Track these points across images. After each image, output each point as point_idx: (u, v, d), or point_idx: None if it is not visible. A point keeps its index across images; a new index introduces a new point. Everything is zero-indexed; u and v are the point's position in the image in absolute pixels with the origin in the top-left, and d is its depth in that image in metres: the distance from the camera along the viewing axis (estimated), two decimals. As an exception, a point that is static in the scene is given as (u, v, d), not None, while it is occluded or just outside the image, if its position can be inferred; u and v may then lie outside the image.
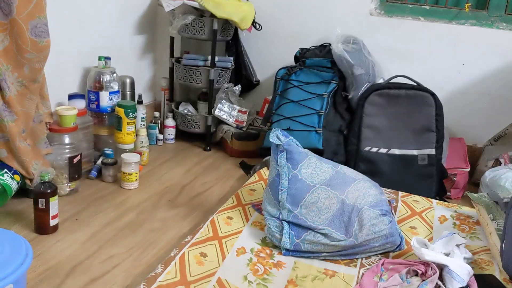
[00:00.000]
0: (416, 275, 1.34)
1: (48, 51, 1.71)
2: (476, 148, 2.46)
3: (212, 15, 2.32)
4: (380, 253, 1.47)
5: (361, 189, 1.49)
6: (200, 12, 2.42)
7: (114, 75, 2.11)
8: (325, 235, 1.41)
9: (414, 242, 1.37)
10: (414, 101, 2.08)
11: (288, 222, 1.46)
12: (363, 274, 1.36)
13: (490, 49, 2.35)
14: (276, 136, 1.53)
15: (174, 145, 2.60)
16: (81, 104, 2.01)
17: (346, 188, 1.48)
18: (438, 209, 1.77)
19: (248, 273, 1.33)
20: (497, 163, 2.29)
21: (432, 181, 2.04)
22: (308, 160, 1.53)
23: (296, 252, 1.43)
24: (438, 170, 2.06)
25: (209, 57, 2.42)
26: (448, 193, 2.14)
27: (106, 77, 2.08)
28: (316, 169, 1.51)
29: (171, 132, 2.60)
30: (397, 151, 2.09)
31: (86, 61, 2.17)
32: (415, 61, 2.46)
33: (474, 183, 2.34)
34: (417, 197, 1.87)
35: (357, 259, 1.44)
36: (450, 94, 2.45)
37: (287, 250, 1.44)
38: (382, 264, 1.38)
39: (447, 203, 1.87)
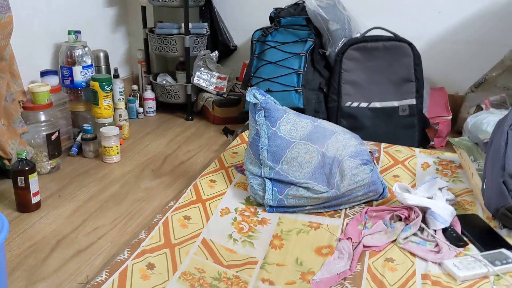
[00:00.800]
0: (400, 220, 1.35)
1: (12, 26, 1.66)
2: (458, 97, 2.46)
3: (182, -20, 2.27)
4: (364, 203, 1.47)
5: (341, 141, 1.49)
6: (170, -21, 2.36)
7: (86, 49, 2.07)
8: (307, 188, 1.41)
9: (396, 188, 1.38)
10: (391, 53, 2.06)
11: (270, 179, 1.45)
12: (347, 224, 1.37)
13: (466, -5, 2.33)
14: (253, 95, 1.52)
15: (156, 117, 2.57)
16: (54, 80, 1.97)
17: (325, 141, 1.48)
18: (420, 156, 1.77)
19: (233, 232, 1.34)
20: (479, 109, 2.30)
21: (414, 131, 2.04)
22: (286, 116, 1.52)
23: (280, 207, 1.44)
24: (420, 119, 2.06)
25: (183, 25, 2.37)
26: (431, 142, 2.15)
27: (78, 52, 2.03)
28: (295, 125, 1.50)
29: (151, 105, 2.56)
30: (377, 104, 2.08)
31: (56, 37, 2.12)
32: (391, 13, 2.42)
33: (457, 131, 2.35)
34: (400, 147, 1.87)
35: (341, 210, 1.45)
36: (429, 44, 2.43)
37: (271, 206, 1.44)
38: (366, 213, 1.39)
39: (429, 150, 1.88)
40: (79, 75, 2.04)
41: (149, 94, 2.55)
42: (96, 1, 2.41)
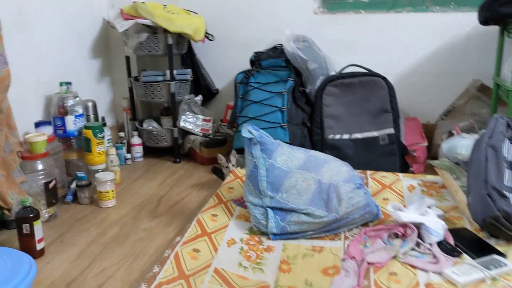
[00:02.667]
0: (397, 237, 1.44)
1: (9, 81, 1.72)
2: (430, 125, 2.62)
3: (166, 31, 2.39)
4: (361, 225, 1.56)
5: (333, 168, 1.59)
6: (153, 29, 2.48)
7: (77, 98, 2.14)
8: (308, 214, 1.49)
9: (389, 207, 1.47)
10: (367, 87, 2.21)
11: (272, 208, 1.53)
12: (348, 245, 1.45)
13: (429, 31, 2.53)
14: (248, 131, 1.61)
15: (143, 162, 2.62)
16: (49, 130, 2.02)
17: (320, 169, 1.57)
18: (405, 180, 1.89)
19: (242, 260, 1.39)
20: (451, 135, 2.45)
21: (395, 158, 2.17)
22: (280, 148, 1.61)
23: (283, 234, 1.50)
24: (399, 147, 2.19)
25: (168, 72, 2.48)
26: (411, 168, 2.28)
27: (70, 102, 2.10)
28: (289, 156, 1.60)
29: (138, 150, 2.62)
30: (358, 135, 2.21)
31: (47, 89, 2.18)
32: (362, 51, 2.60)
33: (432, 157, 2.49)
34: (384, 173, 1.98)
35: (340, 233, 1.53)
36: (398, 77, 2.61)
37: (274, 234, 1.50)
38: (365, 233, 1.47)
39: (412, 174, 2.00)
40: (72, 124, 2.10)
41: (136, 140, 2.61)
42: (83, 54, 2.50)
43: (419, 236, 1.41)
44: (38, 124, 2.02)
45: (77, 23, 2.43)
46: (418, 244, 1.39)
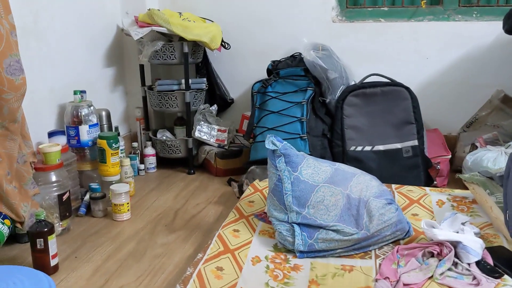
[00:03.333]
0: (432, 256, 1.36)
1: (25, 88, 1.67)
2: (451, 137, 2.55)
3: (181, 39, 2.33)
4: (391, 242, 1.48)
5: (363, 182, 1.51)
6: (168, 38, 2.43)
7: (92, 108, 2.08)
8: (337, 231, 1.42)
9: (423, 224, 1.40)
10: (390, 97, 2.15)
11: (298, 224, 1.45)
12: (380, 264, 1.37)
13: (450, 41, 2.47)
14: (271, 142, 1.54)
15: (157, 173, 2.56)
16: (62, 140, 1.95)
17: (348, 183, 1.50)
18: (433, 194, 1.81)
19: (268, 280, 1.31)
20: (474, 147, 2.38)
21: (419, 171, 2.10)
22: (306, 161, 1.54)
23: (311, 252, 1.43)
24: (423, 160, 2.11)
25: (183, 81, 2.42)
26: (434, 182, 2.20)
27: (84, 111, 2.04)
28: (315, 169, 1.52)
29: (152, 161, 2.56)
30: (381, 147, 2.14)
31: (60, 98, 2.13)
32: (381, 61, 2.54)
33: (455, 170, 2.41)
34: (410, 187, 1.91)
35: (370, 251, 1.45)
36: (419, 88, 2.53)
37: (301, 252, 1.43)
38: (397, 251, 1.39)
39: (439, 188, 1.92)
40: (86, 134, 2.04)
41: (149, 150, 2.54)
42: (96, 62, 2.45)
43: (456, 255, 1.33)
44: (51, 134, 1.96)
45: (91, 30, 2.38)
46: (455, 264, 1.31)
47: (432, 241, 1.39)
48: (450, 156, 2.26)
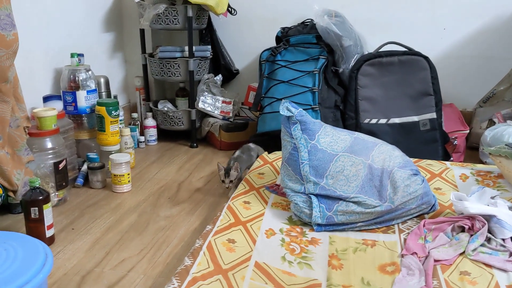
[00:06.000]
0: (462, 231, 1.25)
1: (17, 45, 1.52)
2: (467, 113, 2.43)
3: (185, 2, 2.19)
4: (416, 216, 1.37)
5: (385, 152, 1.40)
6: (171, 1, 2.28)
7: (90, 72, 1.94)
8: (358, 203, 1.31)
9: (453, 197, 1.29)
10: (407, 67, 2.02)
11: (316, 195, 1.34)
12: (405, 239, 1.26)
13: (469, 11, 2.34)
14: (286, 108, 1.42)
15: (158, 146, 2.43)
16: (58, 106, 1.82)
17: (369, 153, 1.38)
18: (455, 169, 1.70)
19: (285, 254, 1.21)
20: (491, 123, 2.27)
21: (437, 145, 1.98)
22: (324, 129, 1.42)
23: (329, 226, 1.32)
24: (441, 134, 2.00)
25: (186, 48, 2.28)
26: (451, 158, 2.09)
27: (82, 75, 1.90)
28: (334, 137, 1.41)
29: (152, 133, 2.43)
30: (397, 120, 2.02)
31: (56, 61, 1.99)
32: (395, 31, 2.40)
33: (470, 147, 2.31)
34: (429, 161, 1.80)
35: (393, 225, 1.34)
36: (434, 61, 2.36)
37: (319, 225, 1.32)
38: (424, 225, 1.29)
39: (461, 163, 1.81)
40: (83, 100, 1.90)
41: (150, 122, 2.41)
42: (94, 26, 2.30)
43: (489, 230, 1.23)
44: (46, 99, 1.83)
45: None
46: (488, 240, 1.21)
47: (462, 214, 1.28)
48: (468, 131, 2.14)
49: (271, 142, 2.02)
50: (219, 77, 2.45)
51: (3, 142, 1.53)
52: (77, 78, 1.90)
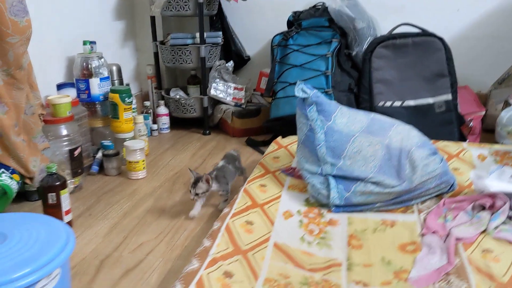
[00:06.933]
0: (483, 209, 1.23)
1: (30, 31, 1.53)
2: (482, 95, 2.40)
3: (196, -12, 2.18)
4: (435, 196, 1.36)
5: (402, 132, 1.38)
6: (182, -13, 2.27)
7: (102, 60, 1.94)
8: (376, 183, 1.29)
9: (473, 176, 1.27)
10: (422, 48, 1.99)
11: (334, 176, 1.33)
12: (424, 218, 1.25)
13: (484, -10, 2.30)
14: (301, 90, 1.41)
15: (171, 134, 2.43)
16: (72, 93, 1.82)
17: (387, 133, 1.37)
18: (472, 149, 1.68)
19: (303, 234, 1.20)
20: (507, 104, 2.23)
21: (453, 127, 1.96)
22: (340, 110, 1.41)
23: (347, 207, 1.31)
24: (457, 115, 1.97)
25: (197, 34, 2.27)
26: (467, 140, 2.06)
27: (95, 63, 1.90)
28: (350, 118, 1.40)
29: (165, 121, 2.43)
30: (412, 102, 1.99)
31: (68, 50, 1.99)
32: (408, 13, 2.37)
33: (485, 129, 2.28)
34: (446, 142, 1.77)
35: (412, 205, 1.33)
36: (448, 42, 2.37)
37: (337, 206, 1.31)
38: (444, 205, 1.27)
39: (478, 143, 1.79)
40: (97, 87, 1.90)
41: (162, 110, 2.41)
42: (105, 13, 2.30)
43: (510, 207, 1.21)
44: (60, 86, 1.83)
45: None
46: (510, 217, 1.19)
47: (483, 193, 1.26)
48: (484, 113, 2.11)
49: (285, 127, 2.01)
50: (230, 64, 2.44)
51: (18, 129, 1.53)
52: (90, 66, 1.89)
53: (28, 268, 0.74)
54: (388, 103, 2.00)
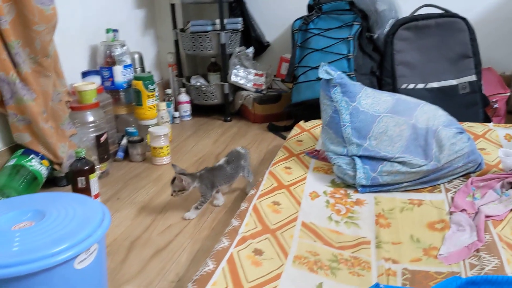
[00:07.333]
0: (512, 187, 1.22)
1: (56, 20, 1.55)
2: (505, 76, 2.36)
3: (215, -26, 2.18)
4: (462, 175, 1.35)
5: (428, 111, 1.38)
6: (201, -26, 2.27)
7: (125, 47, 1.96)
8: (403, 163, 1.29)
9: (501, 154, 1.26)
10: (445, 29, 1.97)
11: (359, 157, 1.33)
12: (452, 197, 1.24)
13: (508, -31, 2.25)
14: (325, 71, 1.40)
15: (192, 121, 2.45)
16: (97, 81, 1.85)
17: (412, 113, 1.36)
18: (499, 129, 1.66)
19: (331, 214, 1.21)
20: (532, 86, 2.20)
21: (477, 109, 1.94)
22: (364, 91, 1.41)
23: (374, 187, 1.31)
24: (481, 96, 1.95)
25: (217, 21, 2.28)
26: (491, 122, 2.04)
27: (118, 51, 1.92)
28: (375, 99, 1.39)
29: (186, 108, 2.44)
30: (435, 84, 1.97)
31: (91, 38, 2.01)
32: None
33: (510, 111, 2.24)
34: (471, 123, 1.76)
35: (439, 185, 1.32)
36: (472, 23, 2.34)
37: (363, 186, 1.31)
38: (471, 183, 1.26)
39: (504, 124, 1.76)
40: (120, 75, 1.93)
41: (183, 97, 2.43)
42: (126, 2, 2.31)
43: (540, 186, 1.20)
44: (85, 74, 1.85)
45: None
46: (540, 195, 1.18)
47: (511, 171, 1.25)
48: (509, 94, 2.08)
49: (306, 111, 2.01)
50: (250, 50, 2.44)
51: (47, 116, 1.57)
52: (113, 54, 1.91)
53: (67, 243, 0.76)
54: (411, 86, 1.98)
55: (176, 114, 2.42)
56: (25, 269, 0.73)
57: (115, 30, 1.97)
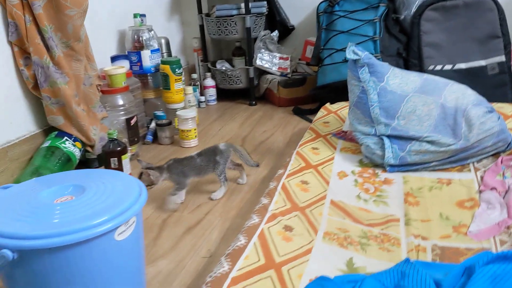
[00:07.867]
0: (544, 166, 1.21)
1: (87, 4, 1.59)
2: (536, 57, 2.31)
3: (240, -43, 2.18)
4: (491, 155, 1.34)
5: (457, 91, 1.37)
6: (226, -42, 2.28)
7: (152, 32, 1.98)
8: (432, 142, 1.29)
9: (532, 133, 1.25)
10: (473, 9, 1.94)
11: (388, 136, 1.34)
12: (482, 176, 1.24)
13: None
14: (352, 52, 1.41)
15: (217, 106, 2.47)
16: (126, 65, 1.88)
17: (441, 92, 1.36)
18: (529, 109, 1.64)
19: (359, 193, 1.22)
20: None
21: (506, 89, 1.91)
22: (392, 71, 1.41)
23: (402, 166, 1.31)
24: (510, 77, 1.92)
25: (242, 5, 2.28)
26: (521, 103, 2.01)
27: (145, 35, 1.95)
28: (403, 79, 1.39)
29: (212, 93, 2.47)
30: (463, 65, 1.95)
31: (119, 23, 2.04)
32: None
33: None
34: (500, 104, 1.73)
35: (468, 164, 1.32)
36: (501, 2, 2.30)
37: (391, 166, 1.32)
38: (501, 162, 1.26)
39: (534, 104, 1.74)
40: (148, 59, 1.96)
41: (209, 81, 2.45)
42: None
43: None
44: (114, 58, 1.89)
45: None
46: None
47: (543, 150, 1.24)
48: (539, 74, 2.04)
49: (332, 93, 2.02)
50: (275, 33, 2.44)
51: (79, 99, 1.61)
52: (141, 38, 1.94)
53: (107, 216, 0.80)
54: (439, 67, 1.97)
55: (202, 98, 2.44)
56: (65, 240, 0.76)
57: (143, 15, 2.00)
